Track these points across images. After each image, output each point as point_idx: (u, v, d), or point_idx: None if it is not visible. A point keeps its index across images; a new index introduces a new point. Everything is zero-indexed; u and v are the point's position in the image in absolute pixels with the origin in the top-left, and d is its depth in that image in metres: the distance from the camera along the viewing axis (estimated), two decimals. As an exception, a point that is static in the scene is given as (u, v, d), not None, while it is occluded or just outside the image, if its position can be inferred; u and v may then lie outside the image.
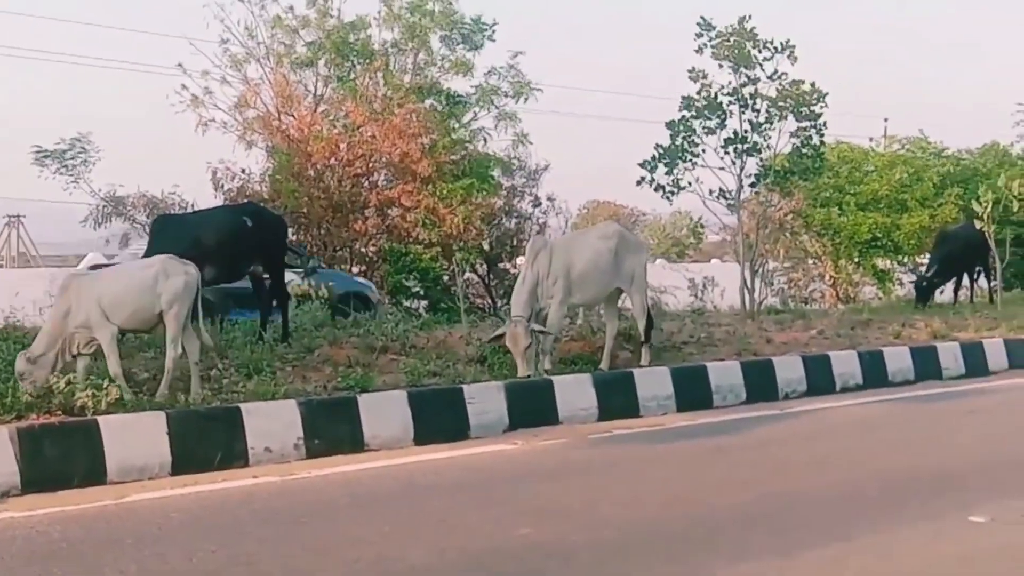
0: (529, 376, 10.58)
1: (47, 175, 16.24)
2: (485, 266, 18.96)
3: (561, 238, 14.42)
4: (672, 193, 15.72)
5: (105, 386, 8.38)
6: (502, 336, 10.88)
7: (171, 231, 11.98)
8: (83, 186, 16.51)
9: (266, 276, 12.14)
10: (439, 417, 9.68)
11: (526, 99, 19.52)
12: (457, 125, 19.46)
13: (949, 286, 19.36)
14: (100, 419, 8.14)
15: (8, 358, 9.16)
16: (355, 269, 17.41)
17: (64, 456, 7.89)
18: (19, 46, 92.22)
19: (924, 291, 18.25)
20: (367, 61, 19.06)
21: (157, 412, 8.49)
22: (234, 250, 11.58)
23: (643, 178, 15.68)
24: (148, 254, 11.26)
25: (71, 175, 16.33)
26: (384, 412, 9.40)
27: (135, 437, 8.18)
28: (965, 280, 19.63)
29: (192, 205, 16.48)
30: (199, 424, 8.55)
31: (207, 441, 8.45)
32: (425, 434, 9.46)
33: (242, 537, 6.61)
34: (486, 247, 18.63)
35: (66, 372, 8.80)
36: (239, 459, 8.52)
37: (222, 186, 17.41)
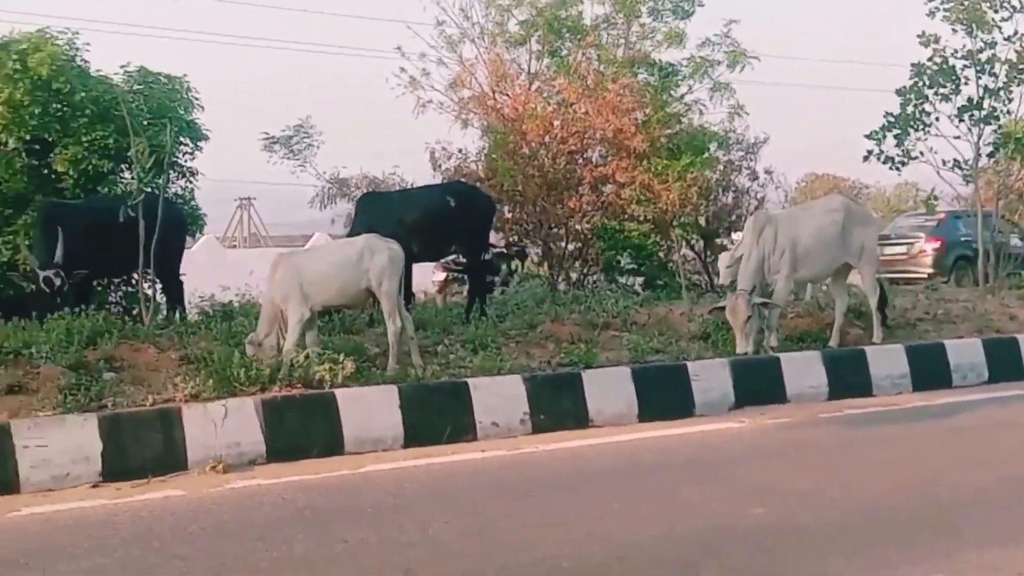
0: (747, 353, 10.31)
1: (275, 160, 16.97)
2: (702, 242, 18.63)
3: (785, 212, 14.00)
4: (903, 164, 14.99)
5: (341, 360, 8.66)
6: (723, 308, 10.66)
7: (374, 209, 12.26)
8: (309, 169, 17.18)
9: (464, 256, 12.26)
10: (663, 394, 9.57)
11: (742, 68, 18.99)
12: (671, 98, 19.14)
13: None
14: (337, 392, 8.44)
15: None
16: (570, 246, 17.42)
17: (304, 427, 8.24)
18: (246, 34, 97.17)
19: None
20: (579, 37, 19.01)
21: (390, 386, 8.73)
22: (437, 229, 11.74)
23: (870, 151, 15.03)
24: (352, 231, 11.62)
25: (297, 159, 17.01)
26: (608, 388, 9.36)
27: (370, 410, 8.44)
28: None
29: (412, 185, 16.87)
30: (429, 398, 8.74)
31: (437, 415, 8.63)
32: (649, 411, 9.36)
33: (474, 509, 6.70)
34: (702, 223, 18.29)
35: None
36: (467, 433, 8.67)
37: (440, 166, 17.75)
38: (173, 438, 7.80)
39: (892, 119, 14.89)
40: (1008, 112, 15.09)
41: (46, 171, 12.83)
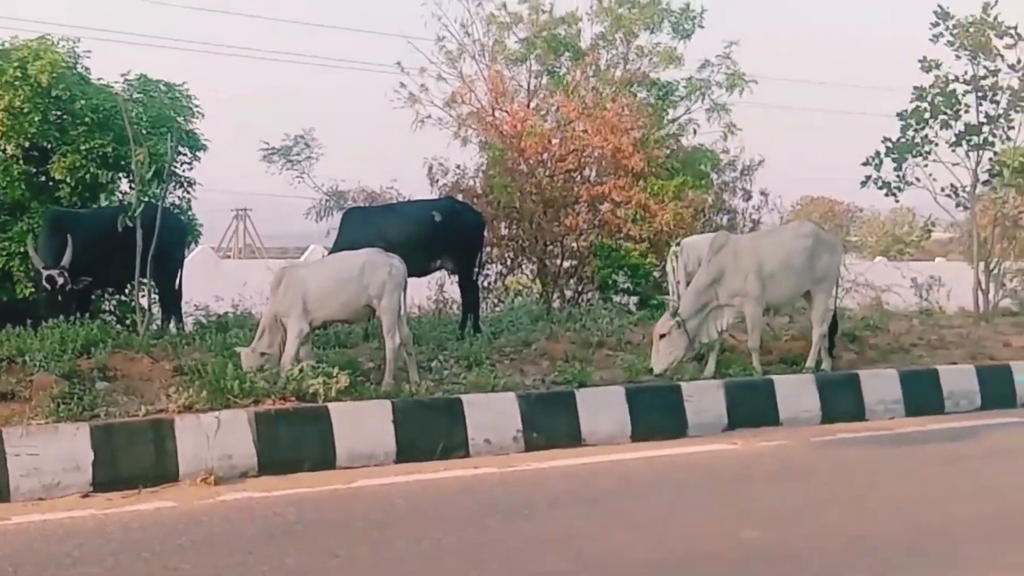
0: (660, 372, 10.19)
1: (273, 170, 16.95)
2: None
3: (749, 235, 13.93)
4: (899, 190, 15.05)
5: (335, 374, 8.65)
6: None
7: (358, 224, 12.20)
8: (307, 180, 17.16)
9: (454, 272, 12.26)
10: (656, 414, 9.57)
11: (741, 91, 19.04)
12: (668, 119, 19.19)
13: None
14: (330, 406, 8.42)
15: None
16: (566, 264, 17.42)
17: (297, 440, 8.22)
18: (247, 46, 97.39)
19: None
20: (577, 56, 19.06)
21: (383, 400, 8.71)
22: (422, 244, 11.72)
23: (868, 177, 15.07)
24: (335, 246, 11.60)
25: (296, 170, 16.99)
26: (602, 407, 9.36)
27: (363, 424, 8.42)
28: None
29: (408, 199, 16.86)
30: (422, 414, 8.72)
31: (430, 431, 8.62)
32: (642, 431, 9.36)
33: (466, 526, 6.69)
34: (698, 243, 18.28)
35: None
36: (460, 449, 8.66)
37: (437, 181, 17.75)
38: (165, 449, 7.77)
39: (890, 145, 14.94)
40: (1009, 139, 15.16)
41: (43, 179, 12.79)
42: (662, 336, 10.38)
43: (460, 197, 16.19)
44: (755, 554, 6.20)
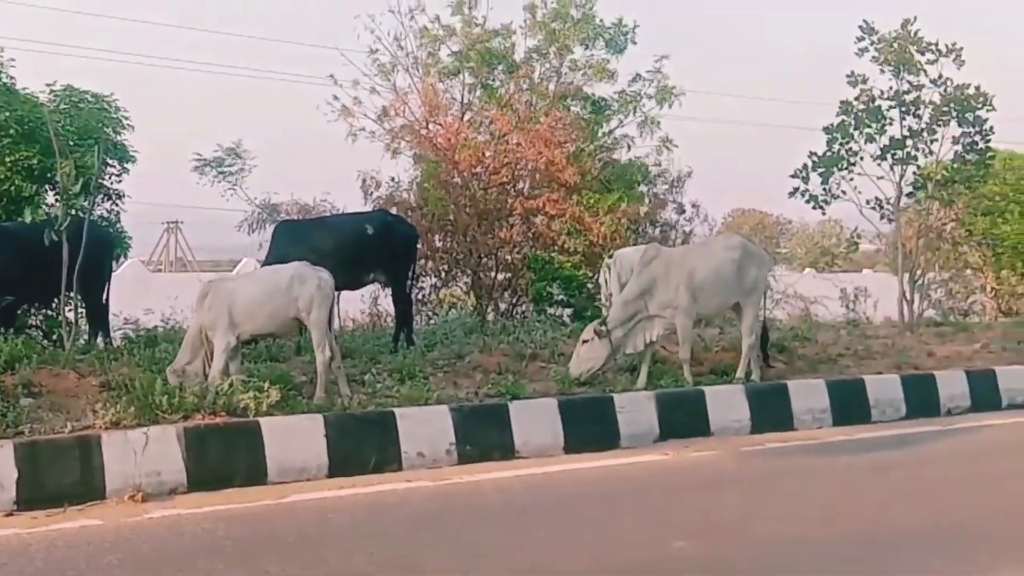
0: (576, 377, 10.34)
1: (205, 182, 16.75)
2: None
3: (680, 248, 14.13)
4: (825, 203, 15.31)
5: (266, 388, 8.57)
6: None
7: (290, 237, 12.15)
8: (239, 193, 16.99)
9: (387, 285, 12.25)
10: (589, 425, 9.62)
11: (671, 105, 19.27)
12: (601, 132, 19.33)
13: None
14: (262, 420, 8.34)
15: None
16: (500, 276, 17.46)
17: (227, 456, 8.12)
18: (177, 58, 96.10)
19: None
20: (511, 69, 19.14)
21: (315, 415, 8.65)
22: (353, 257, 11.70)
23: (796, 189, 15.32)
24: (267, 260, 11.53)
25: (229, 182, 16.81)
26: (535, 420, 9.38)
27: (294, 438, 8.35)
28: None
29: (342, 212, 16.77)
30: (355, 427, 8.67)
31: (362, 444, 8.58)
32: (575, 442, 9.39)
33: (399, 540, 6.68)
34: (631, 256, 18.42)
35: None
36: (393, 463, 8.62)
37: (371, 194, 17.69)
38: (91, 466, 7.62)
39: (817, 158, 15.21)
40: (931, 152, 15.51)
41: (-35, 192, 12.51)
42: (585, 342, 10.50)
43: (394, 210, 16.16)
44: (686, 564, 6.26)
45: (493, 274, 17.30)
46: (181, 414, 8.25)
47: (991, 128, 15.34)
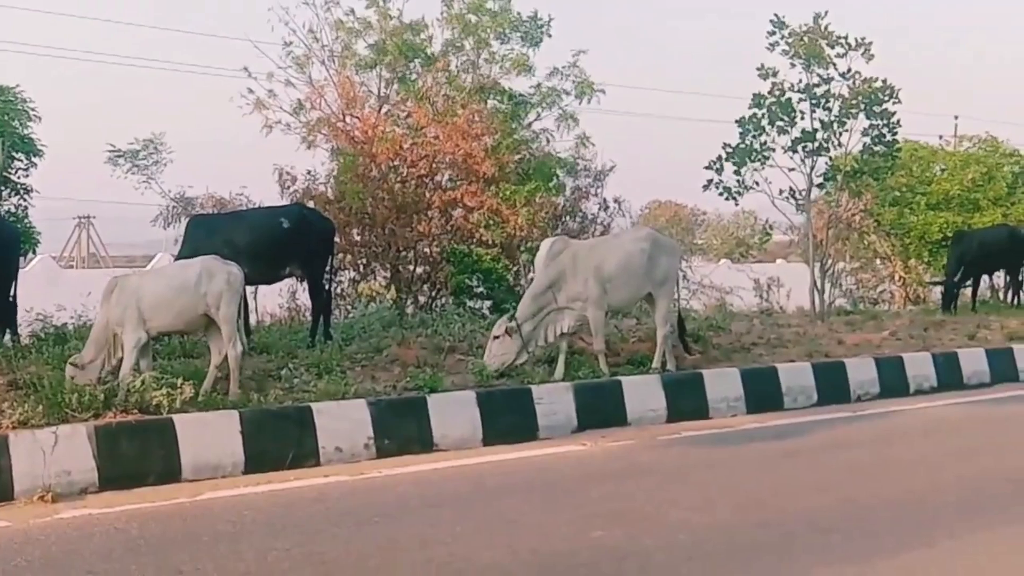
0: (494, 372, 10.41)
1: (119, 175, 16.40)
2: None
3: (589, 240, 14.22)
4: (739, 194, 15.57)
5: (179, 384, 8.45)
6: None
7: (203, 232, 11.97)
8: (154, 187, 16.67)
9: (304, 279, 12.17)
10: (508, 417, 9.68)
11: (589, 100, 19.37)
12: (519, 126, 19.36)
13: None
14: (175, 417, 8.22)
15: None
16: (419, 270, 17.42)
17: (140, 454, 8.00)
18: (89, 50, 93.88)
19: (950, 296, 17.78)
20: (428, 62, 19.07)
21: (230, 411, 8.56)
22: (269, 251, 11.60)
23: (710, 181, 15.55)
24: (180, 254, 11.38)
25: (143, 175, 16.49)
26: (453, 412, 9.41)
27: (209, 435, 8.26)
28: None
29: (259, 206, 16.58)
30: (271, 423, 8.61)
31: (279, 440, 8.51)
32: (494, 434, 9.45)
33: (315, 536, 6.64)
34: (550, 247, 18.49)
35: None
36: (310, 458, 8.57)
37: (287, 187, 17.50)
38: (-1, 467, 7.46)
39: (730, 150, 15.45)
40: (840, 144, 15.85)
41: None
42: (496, 338, 10.57)
43: (311, 203, 16.00)
44: (603, 553, 6.33)
45: (412, 267, 17.25)
46: (92, 412, 8.10)
47: (898, 121, 15.75)
